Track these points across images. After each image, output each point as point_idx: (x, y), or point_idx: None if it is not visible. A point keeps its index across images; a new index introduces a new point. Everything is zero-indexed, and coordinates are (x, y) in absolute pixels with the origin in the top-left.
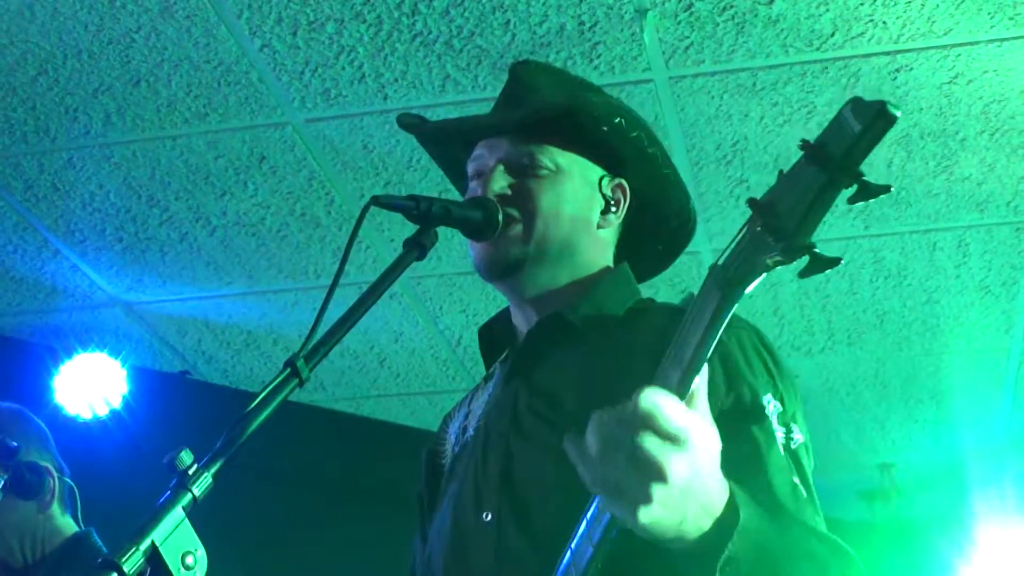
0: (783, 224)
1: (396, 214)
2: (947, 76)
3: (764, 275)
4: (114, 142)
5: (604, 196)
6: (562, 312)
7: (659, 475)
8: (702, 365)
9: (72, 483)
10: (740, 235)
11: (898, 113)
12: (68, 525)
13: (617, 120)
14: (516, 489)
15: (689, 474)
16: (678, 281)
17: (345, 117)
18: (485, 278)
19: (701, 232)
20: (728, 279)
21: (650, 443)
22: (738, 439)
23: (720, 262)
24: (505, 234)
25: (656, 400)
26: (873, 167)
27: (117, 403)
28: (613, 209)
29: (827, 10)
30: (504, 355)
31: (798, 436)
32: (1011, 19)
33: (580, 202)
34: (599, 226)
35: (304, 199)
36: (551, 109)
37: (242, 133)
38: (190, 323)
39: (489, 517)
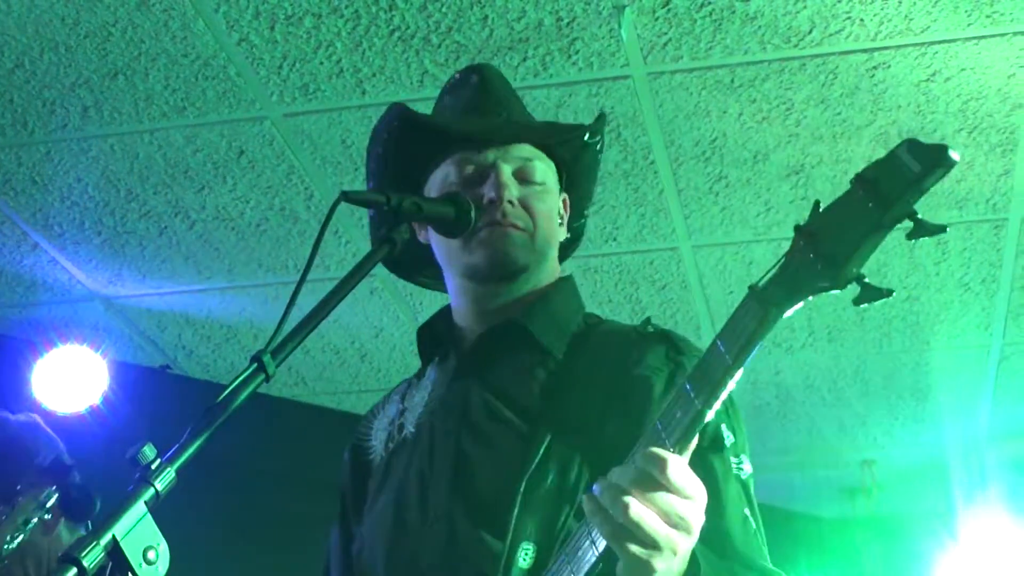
0: (834, 253)
1: None
2: (925, 74)
3: (808, 299)
4: (92, 135)
5: (559, 210)
6: (518, 320)
7: (687, 529)
8: (728, 387)
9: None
10: (785, 259)
11: (957, 157)
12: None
13: (602, 144)
14: (468, 489)
15: (698, 530)
16: (658, 278)
17: (323, 112)
18: (480, 277)
19: (681, 229)
20: (772, 299)
21: (680, 501)
22: (699, 467)
23: (761, 284)
24: (511, 236)
25: (671, 460)
26: (852, 164)
27: (97, 398)
28: (561, 223)
29: (804, 7)
30: (440, 356)
31: (747, 467)
32: (988, 17)
33: (556, 217)
34: (558, 240)
35: (283, 193)
36: (582, 131)
37: (220, 127)
38: (170, 317)
39: (438, 516)
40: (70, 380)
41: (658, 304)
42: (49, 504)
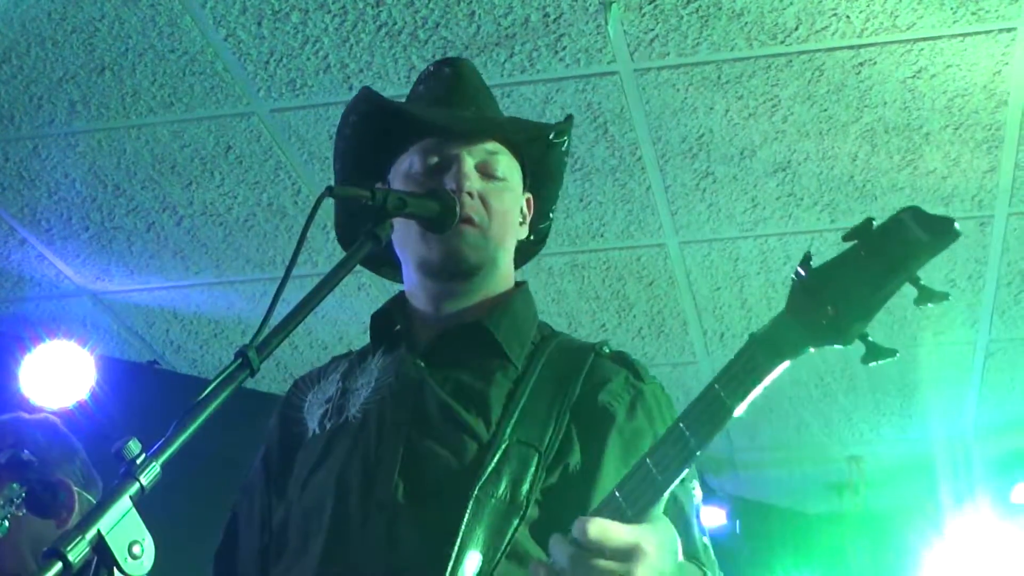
0: (840, 312)
1: None
2: (911, 70)
3: (810, 350)
4: (79, 131)
5: (521, 209)
6: (486, 325)
7: None
8: (726, 423)
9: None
10: (788, 311)
11: (960, 230)
12: None
13: (568, 145)
14: (416, 483)
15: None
16: (645, 274)
17: (311, 107)
18: (434, 273)
19: (668, 225)
20: (775, 350)
21: (610, 563)
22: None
23: (762, 332)
24: (465, 234)
25: (603, 528)
26: (838, 159)
27: (85, 393)
28: (522, 222)
29: (791, 4)
30: (392, 343)
31: (698, 493)
32: (974, 14)
33: (516, 214)
34: (517, 238)
35: (271, 189)
36: (548, 130)
37: (208, 123)
38: (158, 313)
39: (383, 506)
40: (57, 375)
41: (645, 300)
42: (17, 500)
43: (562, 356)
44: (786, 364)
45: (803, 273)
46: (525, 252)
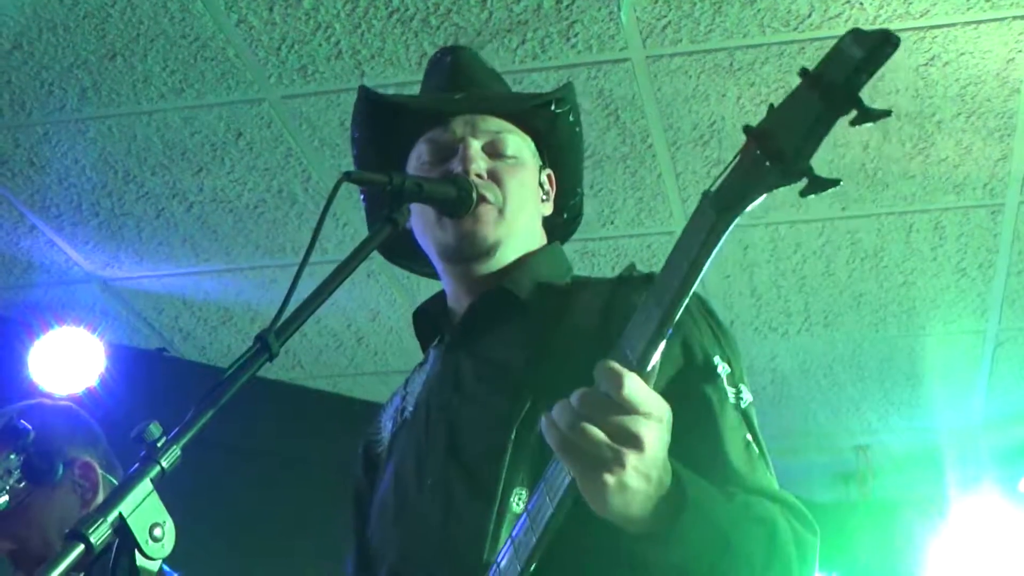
0: (781, 148)
1: None
2: (924, 58)
3: (760, 198)
4: (89, 117)
5: (541, 186)
6: (503, 285)
7: (636, 444)
8: (688, 294)
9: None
10: (735, 162)
11: (899, 41)
12: None
13: (576, 113)
14: (461, 451)
15: (659, 446)
16: (655, 262)
17: (322, 94)
18: (453, 258)
19: (679, 213)
20: (724, 204)
21: (628, 414)
22: (691, 398)
23: (714, 188)
24: (480, 215)
25: (626, 375)
26: (849, 147)
27: (94, 380)
28: (545, 199)
29: None
30: (438, 339)
31: (747, 396)
32: (987, 1)
33: (534, 191)
34: (541, 215)
35: (281, 176)
36: (549, 96)
37: (218, 109)
38: (167, 300)
39: (435, 482)
40: (67, 362)
41: (642, 270)
42: (14, 470)
43: (589, 293)
44: (742, 213)
45: (760, 122)
46: (561, 231)
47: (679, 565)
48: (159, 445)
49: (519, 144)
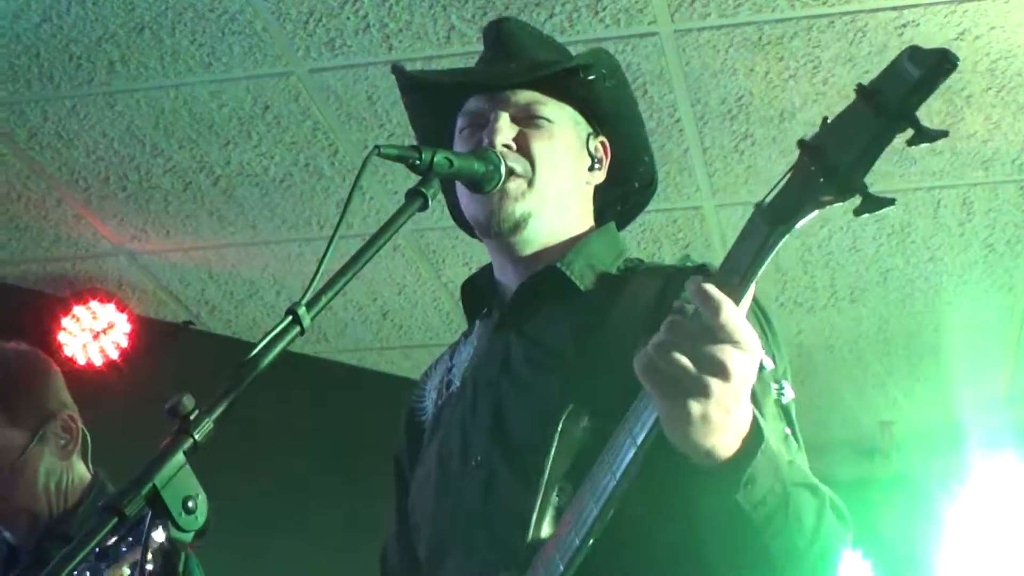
0: (836, 164)
1: (398, 166)
2: (954, 32)
3: (813, 213)
4: (118, 90)
5: (590, 153)
6: (556, 266)
7: (723, 374)
8: (740, 301)
9: (84, 429)
10: (788, 175)
11: (958, 61)
12: (85, 473)
13: (616, 78)
14: (507, 434)
15: (746, 379)
16: (681, 237)
17: (349, 67)
18: (485, 233)
19: (705, 187)
20: (776, 217)
21: (717, 343)
22: None
23: (767, 201)
24: (508, 189)
25: (725, 301)
26: None
27: (117, 352)
28: (597, 167)
29: None
30: (486, 310)
31: (789, 393)
32: None
33: (574, 157)
34: (586, 183)
35: (308, 150)
36: (572, 62)
37: (246, 82)
38: (193, 272)
39: (479, 462)
40: (94, 334)
41: (695, 260)
42: None
43: (644, 280)
44: (796, 227)
45: (808, 138)
46: (635, 199)
47: (741, 510)
48: (192, 418)
49: (554, 111)
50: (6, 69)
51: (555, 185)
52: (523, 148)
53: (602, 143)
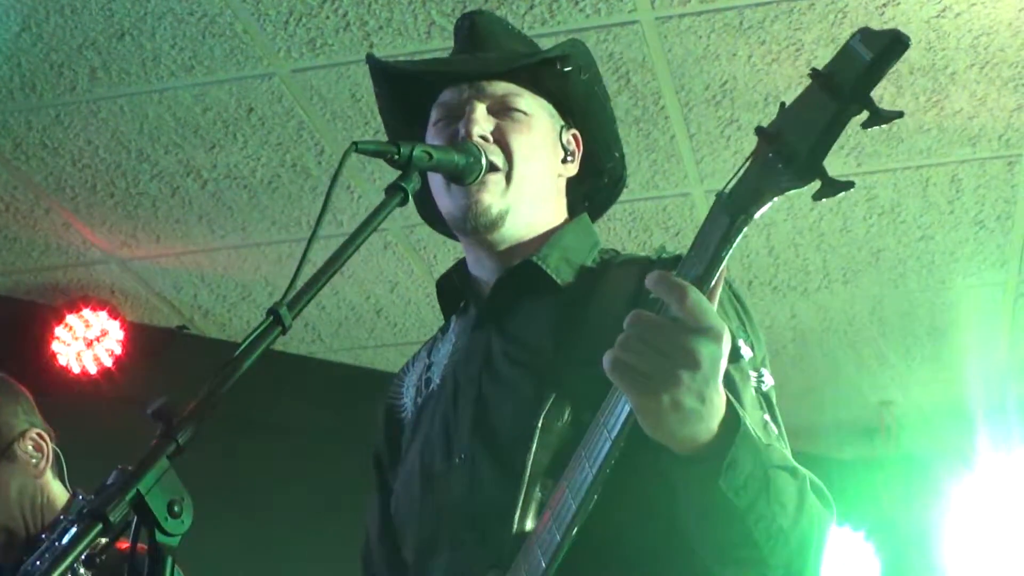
0: (794, 150)
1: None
2: (935, 10)
3: (774, 200)
4: (101, 97)
5: (563, 146)
6: (533, 260)
7: (691, 363)
8: (706, 290)
9: (57, 448)
10: (747, 163)
11: (909, 41)
12: (62, 491)
13: (591, 72)
14: (490, 431)
15: (715, 366)
16: (671, 224)
17: (331, 66)
18: (460, 230)
19: (693, 174)
20: (738, 206)
21: (684, 332)
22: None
23: (727, 190)
24: (487, 183)
25: (690, 288)
26: None
27: (111, 360)
28: (569, 159)
29: None
30: (463, 306)
31: (768, 380)
32: None
33: (549, 150)
34: (560, 175)
35: (294, 150)
36: (551, 52)
37: (229, 85)
38: (185, 277)
39: (462, 458)
40: (87, 342)
41: (672, 249)
42: None
43: (621, 272)
44: (756, 216)
45: (765, 127)
46: (604, 195)
47: (723, 495)
48: (174, 422)
49: (529, 103)
50: None
51: (532, 178)
52: (500, 141)
53: (574, 136)
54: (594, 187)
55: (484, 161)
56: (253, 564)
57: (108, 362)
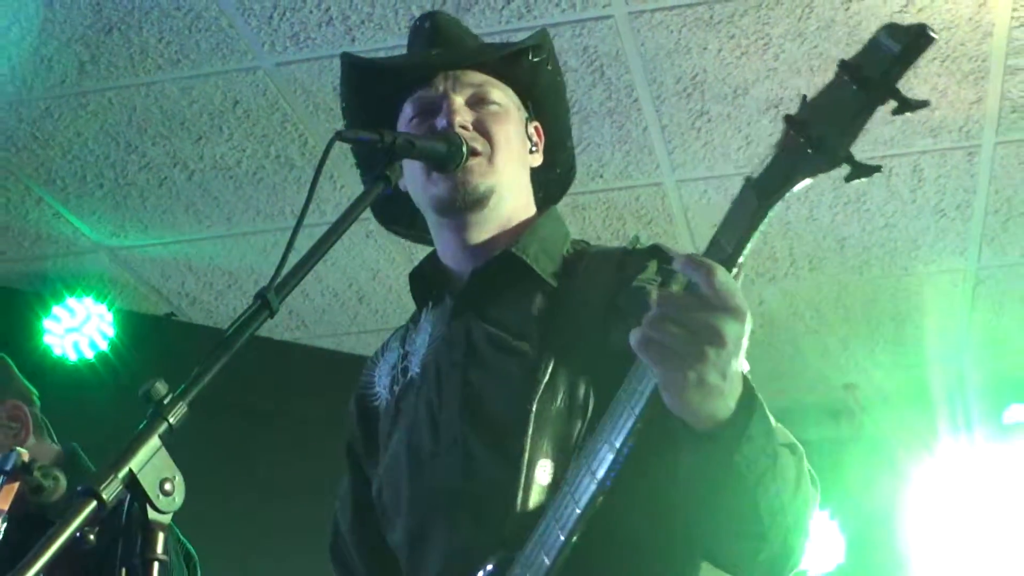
0: (823, 136)
1: None
2: (898, 5)
3: (805, 182)
4: (89, 90)
5: (528, 136)
6: (513, 252)
7: (717, 340)
8: (733, 269)
9: (36, 412)
10: (778, 149)
11: (935, 35)
12: (48, 449)
13: (554, 63)
14: (480, 415)
15: (738, 344)
16: (644, 213)
17: (314, 60)
18: (447, 211)
19: (665, 164)
20: (767, 189)
21: (711, 311)
22: None
23: (756, 175)
24: (471, 166)
25: (718, 267)
26: None
27: (105, 346)
28: (534, 150)
29: None
30: (434, 295)
31: (745, 365)
32: None
33: (520, 141)
34: (527, 165)
35: (278, 141)
36: (525, 43)
37: (215, 78)
38: (173, 266)
39: (452, 441)
40: (79, 330)
41: (645, 238)
42: None
43: (597, 263)
44: (782, 199)
45: (793, 113)
46: (556, 186)
47: (737, 470)
48: (166, 402)
49: (502, 95)
50: None
51: (510, 164)
52: (480, 129)
53: (536, 128)
54: (547, 178)
55: (465, 148)
56: (228, 544)
57: (99, 349)
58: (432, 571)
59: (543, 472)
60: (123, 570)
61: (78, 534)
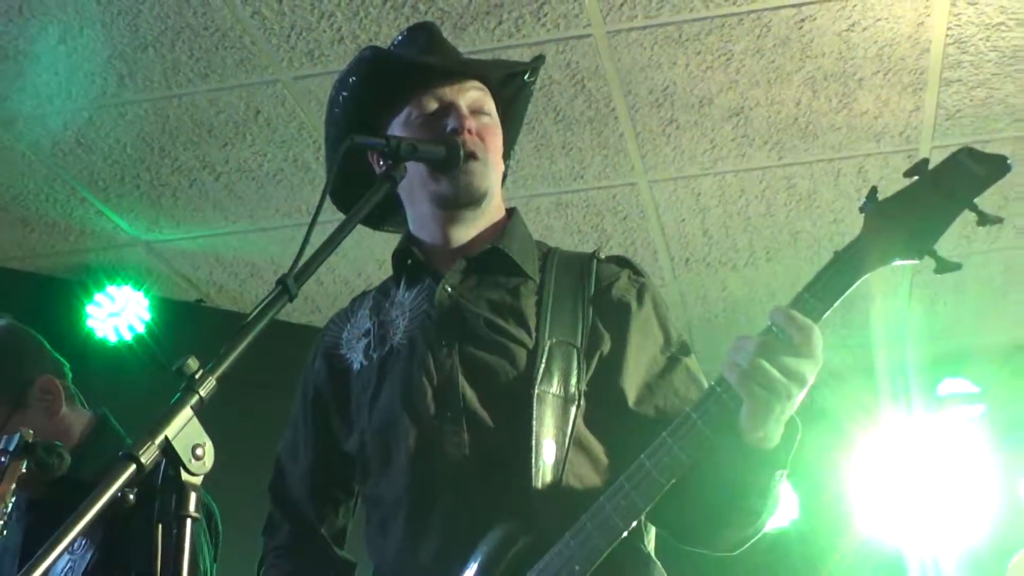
0: (910, 230)
1: None
2: (846, 24)
3: (890, 265)
4: (128, 101)
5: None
6: (500, 248)
7: (802, 382)
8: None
9: (68, 383)
10: (864, 232)
11: (1013, 165)
12: (80, 417)
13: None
14: (478, 390)
15: (811, 383)
16: (620, 209)
17: (328, 74)
18: (452, 205)
19: (639, 167)
20: (859, 266)
21: (800, 357)
22: (678, 367)
23: (849, 250)
24: (470, 169)
25: (815, 328)
26: (783, 104)
27: (142, 329)
28: (503, 160)
29: None
30: (414, 276)
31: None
32: None
33: (500, 149)
34: (501, 171)
35: (296, 147)
36: (532, 64)
37: (239, 90)
38: (202, 257)
39: (458, 411)
40: (119, 315)
41: (620, 232)
42: None
43: (569, 264)
44: (866, 276)
45: (871, 204)
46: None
47: (771, 479)
48: (197, 377)
49: (492, 107)
50: (30, 86)
51: (496, 172)
52: (482, 136)
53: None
54: None
55: (463, 152)
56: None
57: (137, 332)
58: (436, 529)
59: (548, 452)
60: (159, 525)
61: (119, 494)
